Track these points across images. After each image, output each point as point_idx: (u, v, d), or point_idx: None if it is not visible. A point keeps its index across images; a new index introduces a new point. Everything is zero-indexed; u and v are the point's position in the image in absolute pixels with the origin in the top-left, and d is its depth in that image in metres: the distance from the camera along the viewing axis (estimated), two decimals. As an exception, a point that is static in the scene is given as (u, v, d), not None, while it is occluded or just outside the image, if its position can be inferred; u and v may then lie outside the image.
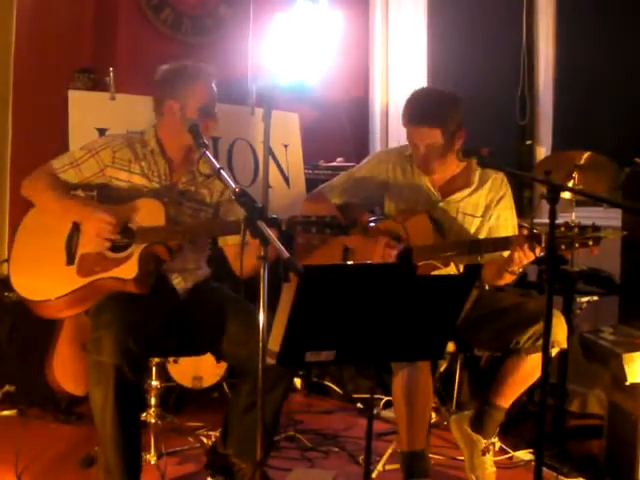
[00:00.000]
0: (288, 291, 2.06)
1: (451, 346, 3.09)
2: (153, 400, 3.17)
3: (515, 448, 3.37)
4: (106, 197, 2.91)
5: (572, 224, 2.74)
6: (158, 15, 4.72)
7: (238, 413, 2.83)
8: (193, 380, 3.82)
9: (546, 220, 2.39)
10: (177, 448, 3.38)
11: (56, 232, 2.85)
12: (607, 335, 3.15)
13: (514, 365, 2.94)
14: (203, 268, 3.07)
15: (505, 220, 3.08)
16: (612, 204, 3.39)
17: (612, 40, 4.23)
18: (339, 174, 3.34)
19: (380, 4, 5.43)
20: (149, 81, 2.99)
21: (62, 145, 3.60)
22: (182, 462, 3.30)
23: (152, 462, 3.09)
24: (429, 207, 3.09)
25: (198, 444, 3.43)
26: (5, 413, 3.74)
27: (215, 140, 4.09)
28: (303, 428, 3.76)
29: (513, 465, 3.31)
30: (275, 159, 4.32)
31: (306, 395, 4.29)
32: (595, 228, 2.74)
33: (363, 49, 5.45)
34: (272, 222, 2.26)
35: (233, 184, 2.42)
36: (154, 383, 3.18)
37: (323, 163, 4.76)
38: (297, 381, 4.32)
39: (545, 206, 2.41)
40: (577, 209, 3.47)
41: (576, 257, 3.60)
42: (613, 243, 3.41)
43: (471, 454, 3.04)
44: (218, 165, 2.57)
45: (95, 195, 2.94)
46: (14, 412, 3.74)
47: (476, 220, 3.09)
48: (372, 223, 3.13)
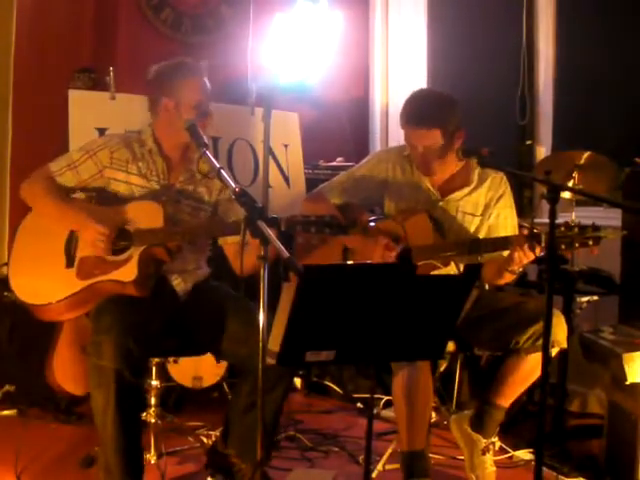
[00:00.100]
0: (288, 291, 2.05)
1: (451, 346, 3.09)
2: (153, 400, 3.17)
3: (515, 448, 3.37)
4: (105, 199, 2.90)
5: (572, 224, 2.74)
6: (158, 15, 4.72)
7: (238, 413, 2.83)
8: (193, 380, 3.82)
9: (546, 220, 2.40)
10: (177, 448, 3.38)
11: (55, 235, 2.84)
12: (607, 335, 3.15)
13: (514, 365, 2.94)
14: (203, 268, 3.07)
15: (505, 219, 3.08)
16: (612, 204, 3.40)
17: (612, 40, 4.23)
18: (339, 174, 3.34)
19: (380, 4, 5.43)
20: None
21: (62, 145, 3.60)
22: (182, 462, 3.30)
23: (152, 462, 3.09)
24: (429, 206, 3.09)
25: (198, 444, 3.43)
26: (5, 413, 3.74)
27: (215, 140, 4.09)
28: (303, 428, 3.76)
29: (513, 465, 3.31)
30: (275, 159, 4.32)
31: (306, 395, 4.29)
32: (595, 228, 2.74)
33: (363, 49, 5.45)
34: (272, 222, 2.26)
35: (233, 184, 2.42)
36: (154, 383, 3.17)
37: (323, 163, 4.76)
38: (297, 381, 4.32)
39: (545, 206, 2.41)
40: (577, 209, 3.47)
41: (576, 257, 3.60)
42: (613, 243, 3.41)
43: (471, 454, 3.04)
44: (218, 165, 2.57)
45: (94, 196, 2.94)
46: (14, 412, 3.74)
47: (476, 219, 3.09)
48: (372, 223, 3.13)
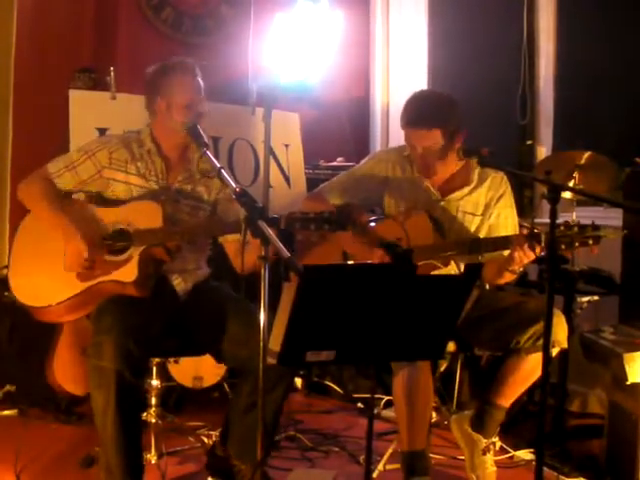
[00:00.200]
0: (288, 291, 2.05)
1: (451, 346, 3.09)
2: (153, 400, 3.17)
3: (515, 448, 3.37)
4: (105, 199, 2.91)
5: (572, 223, 2.74)
6: (158, 15, 4.72)
7: (239, 413, 2.83)
8: (193, 380, 3.82)
9: (547, 220, 2.40)
10: (177, 448, 3.38)
11: (54, 236, 2.82)
12: (607, 335, 3.15)
13: (514, 365, 2.94)
14: (203, 268, 3.07)
15: (505, 218, 3.08)
16: (612, 204, 3.39)
17: (613, 37, 4.23)
18: (339, 174, 3.34)
19: (381, 4, 5.43)
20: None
21: (63, 145, 3.59)
22: (182, 462, 3.30)
23: (152, 462, 3.09)
24: (429, 206, 3.09)
25: (198, 444, 3.43)
26: (5, 413, 3.74)
27: (215, 140, 4.09)
28: (303, 428, 3.76)
29: (513, 465, 3.31)
30: (276, 159, 4.32)
31: (306, 395, 4.29)
32: (595, 227, 2.74)
33: (364, 49, 5.45)
34: (272, 222, 2.26)
35: (234, 184, 2.42)
36: (154, 383, 3.17)
37: (323, 163, 4.77)
38: (297, 381, 4.32)
39: (546, 206, 2.41)
40: (578, 209, 3.47)
41: (577, 257, 3.60)
42: (614, 243, 3.41)
43: (472, 454, 3.04)
44: (219, 165, 2.57)
45: (94, 195, 2.94)
46: (14, 412, 3.74)
47: (476, 218, 3.09)
48: (372, 223, 3.13)
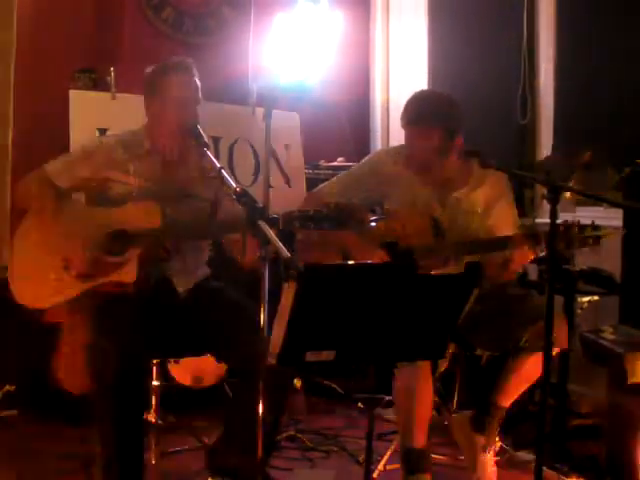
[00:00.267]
0: (288, 291, 2.06)
1: (451, 347, 3.08)
2: (154, 400, 3.17)
3: (515, 448, 3.37)
4: (103, 199, 2.90)
5: (572, 223, 2.74)
6: (159, 14, 4.72)
7: (239, 413, 2.82)
8: (193, 380, 3.82)
9: (547, 220, 2.40)
10: (177, 448, 3.38)
11: (53, 237, 2.81)
12: (608, 335, 3.15)
13: (515, 365, 2.94)
14: (203, 268, 3.07)
15: (505, 218, 3.08)
16: (613, 204, 3.39)
17: (613, 39, 4.23)
18: (339, 174, 3.34)
19: (381, 4, 5.44)
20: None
21: (63, 145, 3.60)
22: (182, 462, 3.30)
23: (152, 462, 3.09)
24: (428, 206, 3.09)
25: (198, 444, 3.43)
26: (5, 413, 3.74)
27: (216, 140, 4.09)
28: (303, 428, 3.76)
29: (513, 465, 3.31)
30: (276, 159, 4.31)
31: (306, 395, 4.29)
32: (594, 227, 2.74)
33: (364, 49, 5.46)
34: (273, 222, 2.26)
35: (234, 184, 2.42)
36: (155, 383, 3.17)
37: (324, 163, 4.77)
38: (297, 381, 4.31)
39: (546, 206, 2.41)
40: (578, 209, 3.47)
41: (577, 256, 3.60)
42: (614, 243, 3.40)
43: (472, 454, 3.04)
44: (219, 165, 2.57)
45: (94, 196, 2.93)
46: (14, 412, 3.74)
47: (476, 218, 3.09)
48: (372, 223, 3.13)
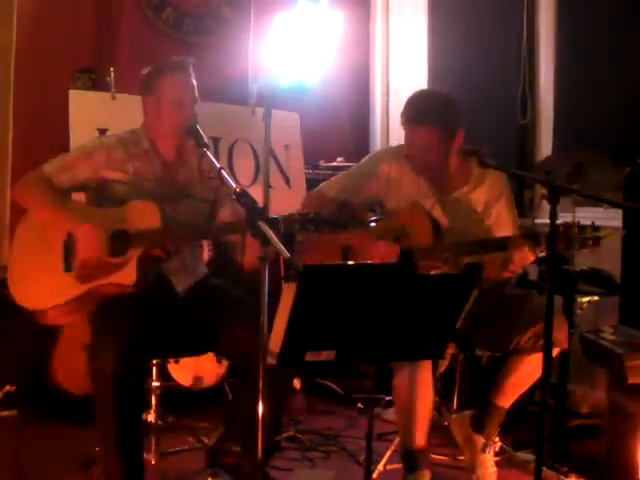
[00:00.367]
0: (288, 291, 2.06)
1: (451, 347, 3.08)
2: (153, 400, 3.17)
3: (515, 448, 3.37)
4: (103, 199, 2.90)
5: (571, 224, 2.74)
6: (159, 14, 4.72)
7: (238, 413, 2.83)
8: (193, 380, 3.82)
9: (547, 220, 2.40)
10: (177, 448, 3.38)
11: (52, 238, 2.81)
12: (607, 335, 3.15)
13: (515, 365, 2.94)
14: (202, 266, 3.07)
15: (505, 217, 3.08)
16: (613, 204, 3.39)
17: (612, 40, 4.23)
18: (339, 173, 3.35)
19: (381, 4, 5.44)
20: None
21: (63, 145, 3.60)
22: (182, 462, 3.30)
23: (152, 462, 3.09)
24: (428, 206, 3.09)
25: (198, 444, 3.43)
26: (5, 413, 3.74)
27: (216, 140, 4.09)
28: (303, 428, 3.76)
29: (513, 465, 3.31)
30: (276, 159, 4.32)
31: (306, 395, 4.29)
32: (594, 228, 2.74)
33: (363, 49, 5.46)
34: (272, 222, 2.26)
35: (234, 184, 2.42)
36: (154, 383, 3.18)
37: (324, 163, 4.77)
38: (297, 381, 4.32)
39: (546, 206, 2.41)
40: (578, 209, 3.46)
41: (577, 257, 3.60)
42: (614, 243, 3.40)
43: (472, 454, 3.04)
44: (219, 165, 2.57)
45: (93, 197, 2.93)
46: (14, 412, 3.74)
47: (476, 218, 3.08)
48: (372, 223, 3.13)
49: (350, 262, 3.01)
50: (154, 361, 3.16)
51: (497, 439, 3.06)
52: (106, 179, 2.88)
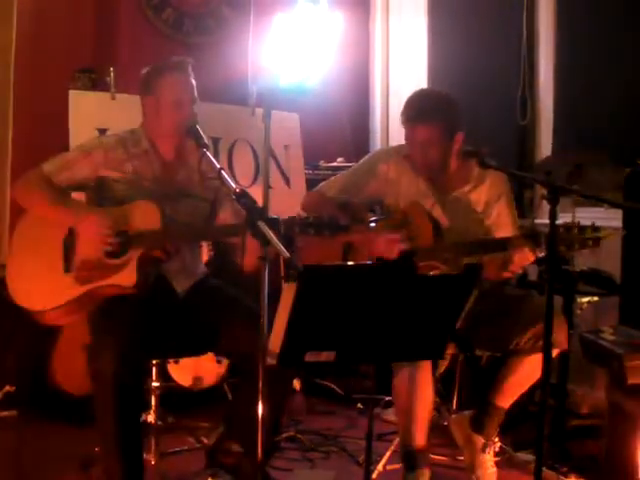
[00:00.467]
0: (288, 291, 2.06)
1: (451, 347, 3.08)
2: (153, 400, 3.17)
3: (515, 448, 3.37)
4: (103, 199, 2.89)
5: (572, 225, 2.74)
6: (159, 15, 4.73)
7: (238, 413, 2.83)
8: (193, 380, 3.82)
9: (547, 220, 2.40)
10: (177, 448, 3.38)
11: (52, 238, 2.81)
12: (607, 335, 3.15)
13: (514, 366, 2.94)
14: (202, 267, 3.07)
15: (505, 218, 3.08)
16: (613, 204, 3.39)
17: (612, 40, 4.23)
18: (339, 173, 3.35)
19: (380, 5, 5.44)
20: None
21: (63, 145, 3.59)
22: (182, 462, 3.30)
23: (152, 462, 3.09)
24: (428, 206, 3.09)
25: (198, 444, 3.43)
26: (5, 413, 3.74)
27: (215, 140, 4.09)
28: (303, 428, 3.76)
29: (513, 465, 3.31)
30: (276, 159, 4.32)
31: (306, 395, 4.29)
32: (595, 228, 2.74)
33: (363, 49, 5.46)
34: (272, 222, 2.26)
35: (233, 184, 2.42)
36: (154, 383, 3.18)
37: (323, 163, 4.77)
38: (297, 381, 4.32)
39: (546, 206, 2.41)
40: (578, 209, 3.46)
41: (577, 257, 3.60)
42: (614, 243, 3.40)
43: (471, 454, 3.04)
44: (218, 165, 2.57)
45: (93, 197, 2.93)
46: (14, 412, 3.73)
47: (476, 218, 3.08)
48: (372, 223, 3.12)
49: (350, 262, 3.01)
50: (154, 361, 3.16)
51: (497, 439, 3.06)
52: (105, 178, 2.88)
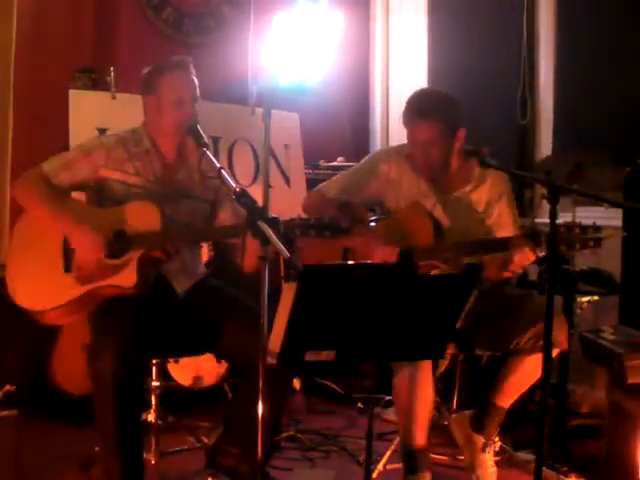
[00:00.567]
0: (288, 291, 2.06)
1: (451, 348, 3.08)
2: (153, 400, 3.17)
3: (515, 448, 3.37)
4: (103, 199, 2.89)
5: (573, 224, 2.74)
6: (159, 14, 4.73)
7: (238, 413, 2.82)
8: (193, 380, 3.82)
9: (547, 220, 2.40)
10: (177, 448, 3.38)
11: (52, 237, 2.79)
12: (607, 335, 3.15)
13: (514, 365, 2.94)
14: (202, 267, 3.07)
15: (506, 217, 3.08)
16: (613, 204, 3.39)
17: (612, 40, 4.23)
18: (339, 173, 3.35)
19: (380, 4, 5.44)
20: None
21: (63, 145, 3.59)
22: (182, 462, 3.30)
23: (152, 462, 3.09)
24: (429, 206, 3.09)
25: (198, 444, 3.43)
26: (5, 413, 3.74)
27: (215, 140, 4.09)
28: (303, 428, 3.76)
29: (513, 465, 3.31)
30: (276, 159, 4.32)
31: (306, 395, 4.29)
32: (596, 228, 2.74)
33: (363, 49, 5.46)
34: (272, 222, 2.26)
35: (233, 184, 2.42)
36: (154, 383, 3.17)
37: (324, 163, 4.77)
38: (297, 381, 4.32)
39: (546, 206, 2.41)
40: (578, 209, 3.47)
41: (577, 257, 3.60)
42: (614, 243, 3.40)
43: (471, 454, 3.04)
44: (218, 165, 2.57)
45: (93, 197, 2.93)
46: (14, 412, 3.73)
47: (476, 218, 3.08)
48: (372, 223, 3.13)
49: (350, 262, 3.01)
50: (154, 361, 3.16)
51: (497, 439, 3.06)
52: (105, 179, 2.87)
